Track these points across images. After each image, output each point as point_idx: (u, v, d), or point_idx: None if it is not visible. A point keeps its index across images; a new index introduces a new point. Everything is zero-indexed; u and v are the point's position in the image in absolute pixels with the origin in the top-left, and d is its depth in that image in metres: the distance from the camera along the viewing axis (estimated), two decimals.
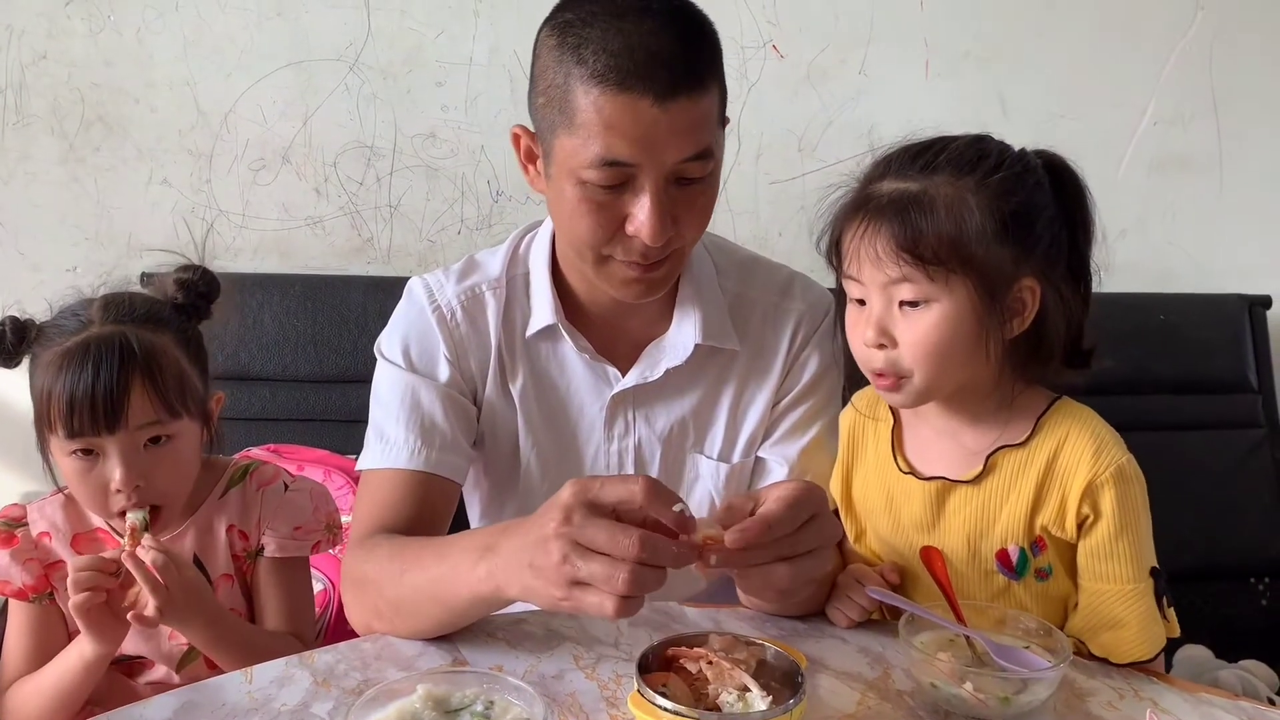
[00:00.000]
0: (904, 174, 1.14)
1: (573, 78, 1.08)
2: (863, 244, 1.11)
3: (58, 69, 2.02)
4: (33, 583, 1.29)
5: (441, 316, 1.28)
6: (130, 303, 1.27)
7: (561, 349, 1.30)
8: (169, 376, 1.24)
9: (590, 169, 1.09)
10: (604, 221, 1.13)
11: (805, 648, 1.11)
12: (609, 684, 1.05)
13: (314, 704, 1.00)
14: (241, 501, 1.35)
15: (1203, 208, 2.29)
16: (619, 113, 1.06)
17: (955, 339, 1.11)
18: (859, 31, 2.15)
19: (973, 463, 1.18)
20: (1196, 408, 2.18)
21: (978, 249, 1.08)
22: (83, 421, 1.19)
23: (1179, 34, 2.21)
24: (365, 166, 2.11)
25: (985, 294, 1.10)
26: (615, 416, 1.31)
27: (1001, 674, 1.01)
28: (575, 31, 1.08)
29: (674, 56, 1.07)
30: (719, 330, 1.30)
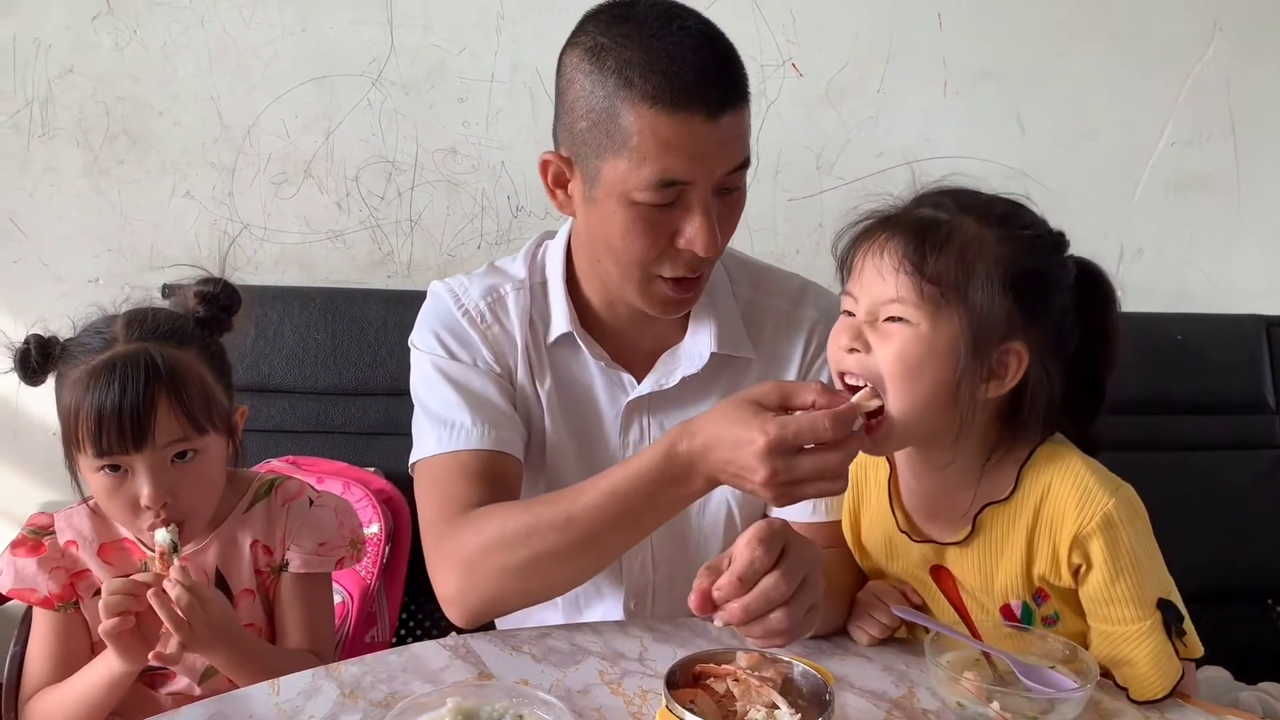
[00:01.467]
0: (936, 205, 1.12)
1: (620, 100, 1.09)
2: (870, 257, 1.09)
3: (84, 82, 2.04)
4: (59, 591, 1.29)
5: (471, 318, 1.31)
6: (154, 319, 1.28)
7: (581, 355, 1.32)
8: (194, 393, 1.24)
9: (645, 190, 1.11)
10: (657, 239, 1.15)
11: (830, 666, 1.11)
12: (634, 699, 1.05)
13: (341, 716, 1.00)
14: (266, 517, 1.36)
15: (1220, 228, 2.29)
16: (675, 132, 1.08)
17: (927, 365, 1.07)
18: (878, 50, 2.16)
19: (961, 524, 1.16)
20: (1213, 428, 2.18)
21: (977, 290, 1.06)
22: (110, 440, 1.19)
23: (1197, 55, 2.22)
24: (386, 181, 2.13)
25: (970, 339, 1.07)
26: (630, 423, 1.33)
27: (1028, 694, 1.01)
28: (614, 54, 1.10)
29: (718, 71, 1.10)
30: (734, 339, 1.32)
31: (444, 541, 1.19)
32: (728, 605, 0.97)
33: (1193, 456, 2.15)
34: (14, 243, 2.07)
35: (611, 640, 1.17)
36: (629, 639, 1.17)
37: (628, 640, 1.17)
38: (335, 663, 1.10)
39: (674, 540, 1.35)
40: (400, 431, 1.88)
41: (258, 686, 1.05)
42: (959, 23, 2.17)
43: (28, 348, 1.26)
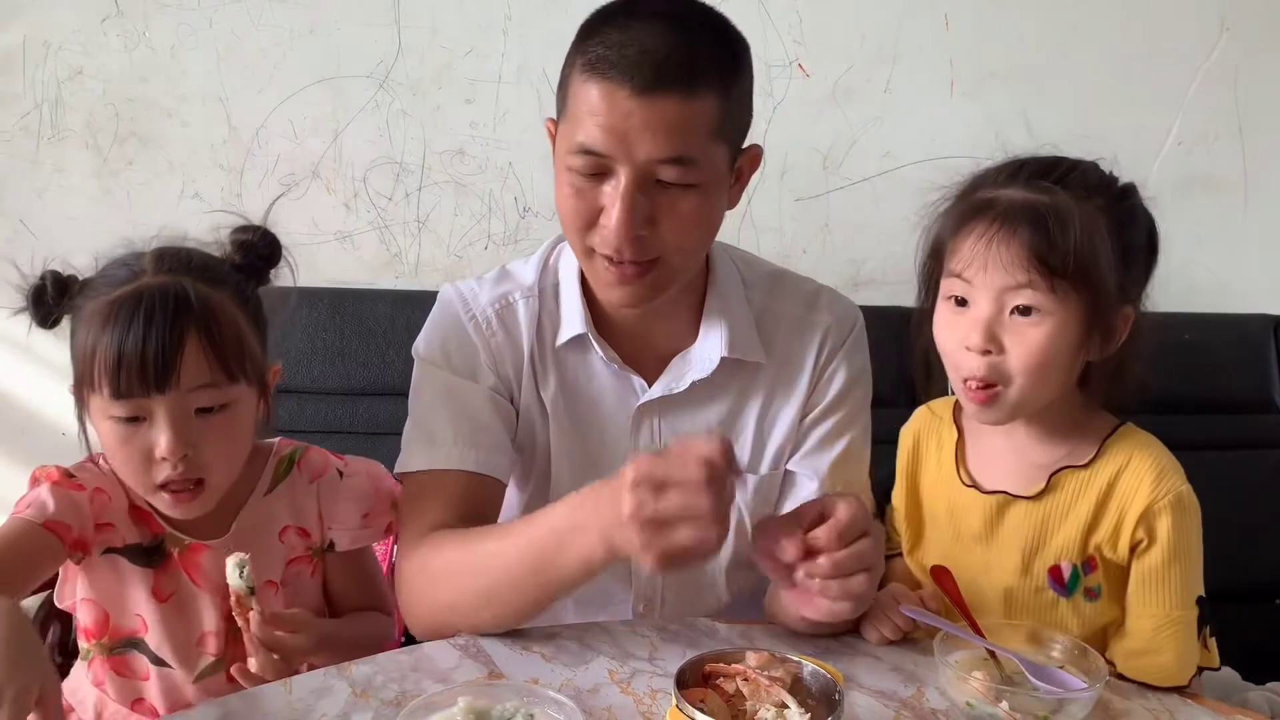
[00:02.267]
0: (1033, 185, 1.15)
1: (573, 68, 1.13)
2: (989, 249, 1.12)
3: (93, 84, 2.05)
4: (84, 537, 1.16)
5: (477, 325, 1.30)
6: (187, 255, 1.18)
7: (590, 358, 1.31)
8: (227, 334, 1.13)
9: (573, 154, 1.13)
10: (582, 209, 1.15)
11: (839, 665, 1.12)
12: (644, 699, 1.05)
13: (353, 714, 1.01)
14: (292, 497, 1.28)
15: (1227, 228, 2.29)
16: (598, 100, 1.09)
17: (1060, 354, 1.13)
18: (884, 51, 2.16)
19: (1035, 479, 1.20)
20: (1220, 428, 2.17)
21: (1101, 269, 1.10)
22: (131, 379, 1.07)
23: (1204, 55, 2.21)
24: (394, 182, 2.13)
25: (1094, 314, 1.12)
26: (641, 426, 1.32)
27: (1037, 693, 1.01)
28: (591, 26, 1.13)
29: (666, 55, 1.08)
30: (745, 343, 1.31)
31: (402, 558, 1.23)
32: (818, 559, 0.98)
33: (1200, 456, 2.10)
34: (24, 244, 2.08)
35: (621, 640, 1.17)
36: (638, 639, 1.18)
37: (637, 640, 1.17)
38: (346, 662, 1.10)
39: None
40: None
41: (270, 686, 1.06)
42: (965, 23, 2.16)
43: (43, 284, 1.17)
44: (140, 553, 1.22)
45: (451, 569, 1.16)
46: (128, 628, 1.23)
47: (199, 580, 1.23)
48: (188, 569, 1.23)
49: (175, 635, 1.23)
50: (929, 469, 1.30)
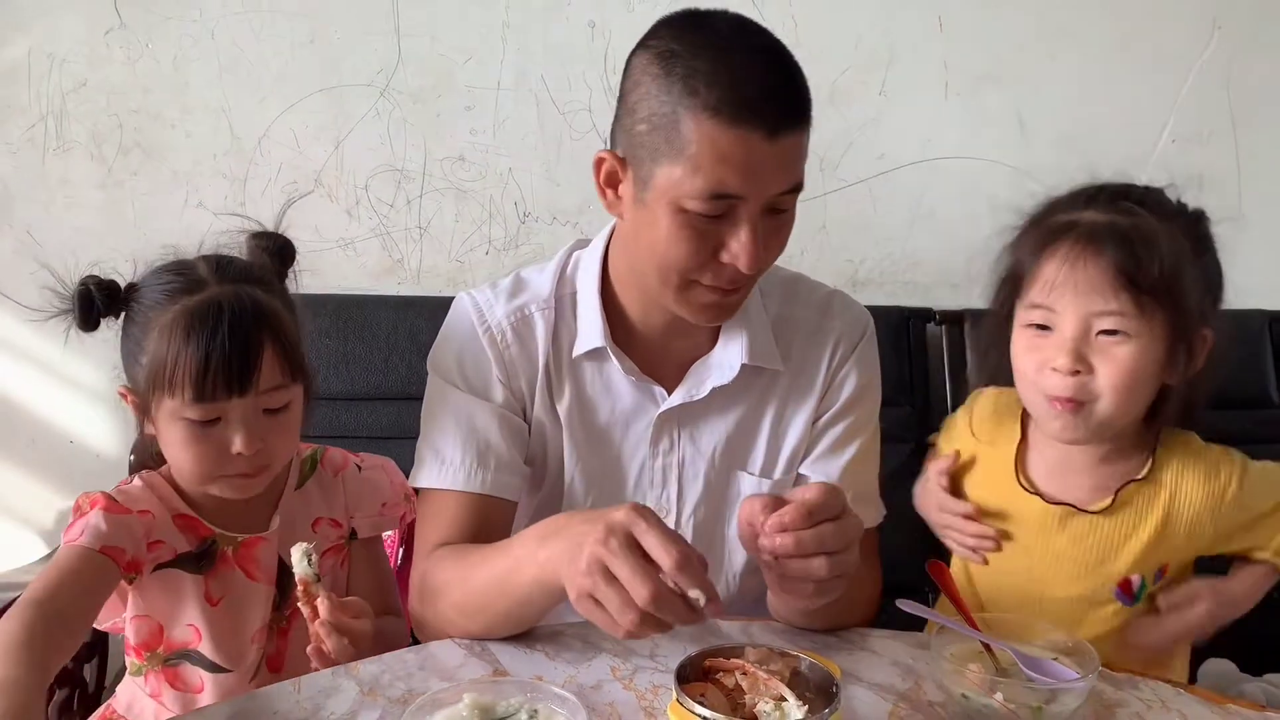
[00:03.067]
0: (1114, 206, 1.17)
1: (683, 108, 1.10)
2: (1074, 270, 1.14)
3: (97, 96, 2.07)
4: (137, 558, 1.21)
5: (492, 338, 1.31)
6: (239, 264, 1.25)
7: (607, 369, 1.32)
8: (290, 339, 1.22)
9: (696, 199, 1.12)
10: (701, 249, 1.15)
11: (838, 660, 1.14)
12: (646, 694, 1.07)
13: (361, 712, 1.03)
14: (321, 490, 1.35)
15: (1222, 225, 2.29)
16: (732, 146, 1.09)
17: (1147, 373, 1.16)
18: (879, 54, 2.19)
19: (1101, 494, 1.23)
20: (1218, 424, 2.17)
21: (1184, 289, 1.13)
22: (216, 385, 1.14)
23: (1197, 53, 2.23)
24: (396, 189, 2.15)
25: (1177, 334, 1.15)
26: (661, 434, 1.33)
27: (1031, 684, 1.03)
28: (684, 62, 1.10)
29: (782, 92, 1.10)
30: (764, 351, 1.32)
31: (416, 571, 1.27)
32: (782, 535, 0.99)
33: None
34: (30, 254, 2.10)
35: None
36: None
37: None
38: (354, 661, 1.12)
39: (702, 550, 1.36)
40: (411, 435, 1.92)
41: (279, 686, 1.08)
42: (959, 26, 2.19)
43: (88, 289, 1.20)
44: (191, 560, 1.27)
45: (445, 581, 1.20)
46: (180, 639, 1.28)
47: (255, 574, 1.29)
48: (243, 564, 1.28)
49: (228, 638, 1.28)
50: (985, 468, 1.31)
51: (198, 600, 1.26)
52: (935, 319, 2.18)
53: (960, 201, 2.25)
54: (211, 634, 1.27)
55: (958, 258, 2.27)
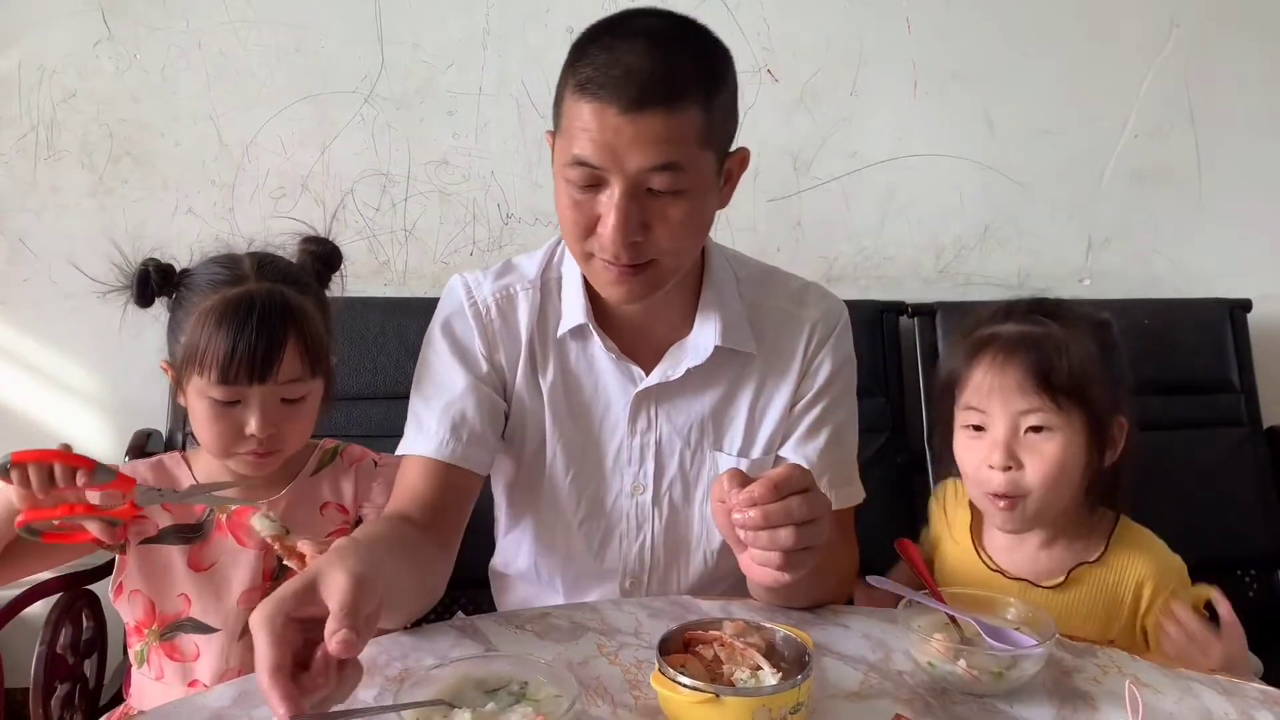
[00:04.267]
0: (1027, 319, 1.34)
1: (566, 87, 1.20)
2: (998, 376, 1.32)
3: (87, 106, 2.11)
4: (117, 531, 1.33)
5: (477, 312, 1.39)
6: (281, 264, 1.39)
7: (590, 348, 1.39)
8: (313, 336, 1.33)
9: (569, 167, 1.20)
10: (581, 218, 1.23)
11: (811, 633, 1.18)
12: (631, 669, 1.13)
13: (359, 690, 1.07)
14: (335, 480, 1.45)
15: (1183, 216, 2.38)
16: (589, 118, 1.17)
17: (1072, 463, 1.32)
18: (849, 55, 2.25)
19: (1055, 572, 1.38)
20: (1182, 408, 2.26)
21: (1095, 385, 1.29)
22: (239, 371, 1.27)
23: (1156, 51, 2.31)
24: (381, 193, 2.21)
25: (1094, 425, 1.31)
26: (639, 412, 1.39)
27: (992, 652, 1.10)
28: (581, 48, 1.20)
29: (647, 72, 1.15)
30: (737, 334, 1.38)
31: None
32: (751, 509, 1.02)
33: (1163, 436, 2.23)
34: (24, 261, 2.15)
35: (609, 617, 1.25)
36: (625, 616, 1.26)
37: (624, 617, 1.25)
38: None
39: (676, 529, 1.43)
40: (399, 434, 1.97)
41: None
42: (927, 27, 2.26)
43: (146, 270, 1.35)
44: (181, 532, 1.39)
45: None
46: (173, 611, 1.38)
47: (244, 540, 1.39)
48: (234, 530, 1.39)
49: (216, 601, 1.38)
50: (948, 541, 1.46)
51: (184, 569, 1.38)
52: (908, 312, 2.25)
53: (931, 198, 2.32)
54: (199, 598, 1.38)
55: (929, 252, 2.35)
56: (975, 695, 1.09)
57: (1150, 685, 1.12)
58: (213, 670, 1.39)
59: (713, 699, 0.95)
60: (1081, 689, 1.11)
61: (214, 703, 1.05)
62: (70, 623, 1.59)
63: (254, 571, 1.39)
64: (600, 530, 1.43)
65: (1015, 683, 1.08)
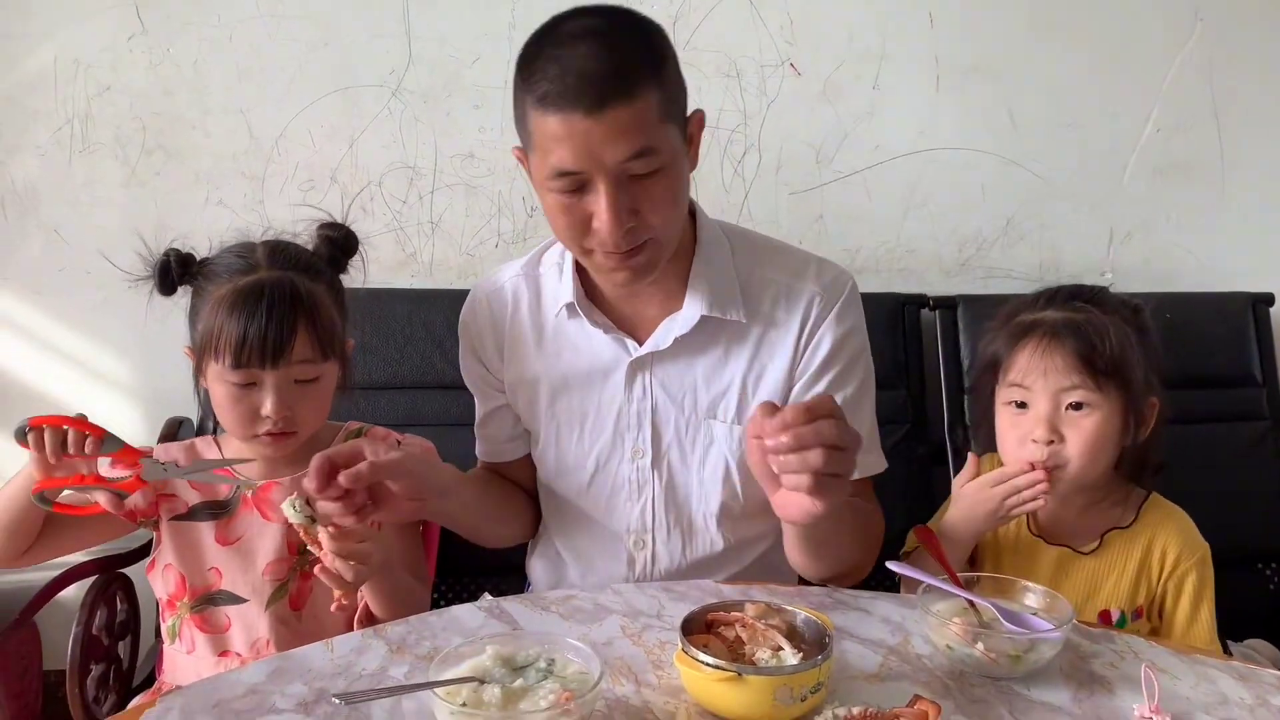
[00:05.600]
0: (1069, 305, 1.44)
1: (526, 106, 1.25)
2: (1043, 358, 1.41)
3: (121, 99, 2.15)
4: (144, 508, 1.44)
5: (475, 308, 1.54)
6: (293, 252, 1.43)
7: (585, 326, 1.46)
8: (325, 322, 1.39)
9: (550, 179, 1.25)
10: (575, 221, 1.28)
11: (832, 617, 1.21)
12: (654, 649, 1.15)
13: (390, 668, 1.11)
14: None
15: (1205, 210, 2.38)
16: (558, 130, 1.21)
17: (1109, 438, 1.42)
18: (871, 49, 2.26)
19: (1090, 539, 1.49)
20: (1204, 402, 2.26)
21: (1131, 367, 1.40)
22: (251, 355, 1.33)
23: (1179, 45, 2.31)
24: (408, 186, 2.24)
25: (1130, 404, 1.41)
26: (633, 381, 1.47)
27: (1010, 635, 1.12)
28: (528, 65, 1.26)
29: (598, 72, 1.20)
30: (724, 303, 1.43)
31: None
32: (783, 432, 1.05)
33: (1185, 429, 2.22)
34: (58, 251, 2.19)
35: (632, 600, 1.28)
36: (647, 599, 1.28)
37: (646, 599, 1.28)
38: (382, 624, 1.21)
39: (675, 491, 1.49)
40: (426, 423, 2.00)
41: (313, 646, 1.16)
42: (949, 21, 2.26)
43: (168, 260, 1.40)
44: (211, 508, 1.47)
45: None
46: (204, 584, 1.45)
47: (269, 514, 1.45)
48: (259, 505, 1.45)
49: (243, 571, 1.44)
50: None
51: (213, 544, 1.45)
52: (929, 305, 2.26)
53: (952, 191, 2.33)
54: (229, 570, 1.45)
55: (950, 245, 2.36)
56: (993, 678, 1.10)
57: (1167, 670, 1.14)
58: (245, 639, 1.44)
59: (735, 677, 0.97)
60: (1098, 673, 1.13)
61: (249, 678, 1.09)
62: (105, 605, 1.64)
63: (278, 544, 1.45)
64: (607, 491, 1.50)
65: (1033, 666, 1.10)
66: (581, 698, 0.94)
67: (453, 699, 0.94)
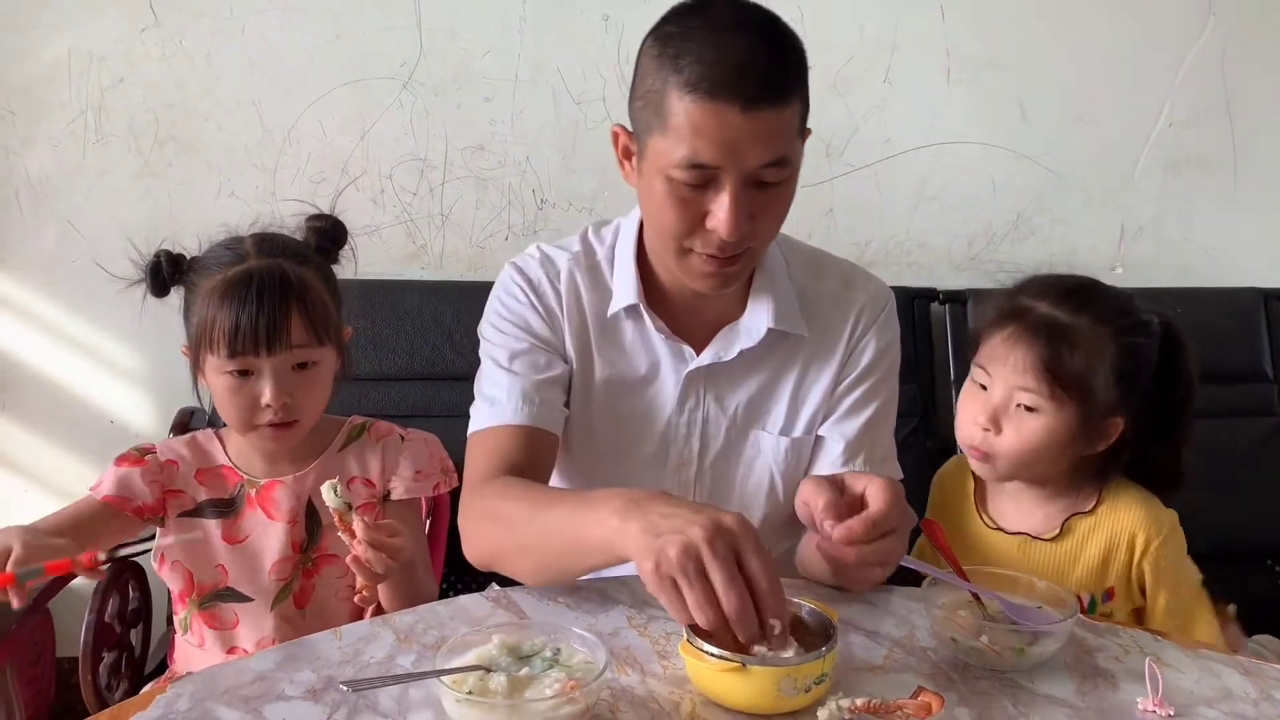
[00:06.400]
0: (1061, 303, 1.38)
1: (669, 85, 1.19)
2: (1009, 350, 1.38)
3: (134, 91, 2.16)
4: (151, 504, 1.43)
5: (532, 284, 1.42)
6: (280, 240, 1.44)
7: (642, 327, 1.41)
8: (317, 306, 1.38)
9: (678, 169, 1.20)
10: (687, 215, 1.24)
11: (837, 609, 1.20)
12: (660, 640, 1.16)
13: (398, 656, 1.11)
14: (362, 454, 1.50)
15: (1218, 205, 2.37)
16: (707, 119, 1.17)
17: (1047, 446, 1.39)
18: (882, 42, 2.26)
19: (1050, 525, 1.46)
20: (1215, 397, 2.22)
21: (1098, 385, 1.35)
22: (246, 343, 1.32)
23: (1192, 39, 2.30)
24: (419, 178, 2.24)
25: (1085, 419, 1.37)
26: (689, 393, 1.42)
27: (1015, 628, 1.12)
28: (675, 43, 1.19)
29: (761, 69, 1.16)
30: (790, 317, 1.41)
31: (467, 498, 1.34)
32: (844, 548, 1.09)
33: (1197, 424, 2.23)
34: (71, 243, 2.20)
35: (639, 592, 1.27)
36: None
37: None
38: (390, 614, 1.22)
39: (719, 500, 1.45)
40: (437, 414, 2.02)
41: (321, 635, 1.16)
42: (961, 14, 2.26)
43: (158, 261, 1.40)
44: (217, 506, 1.46)
45: (511, 513, 1.26)
46: (211, 581, 1.45)
47: (273, 514, 1.45)
48: (263, 504, 1.45)
49: (250, 571, 1.45)
50: (957, 510, 1.51)
51: (220, 542, 1.45)
52: (939, 299, 2.26)
53: (963, 185, 2.32)
54: (235, 569, 1.45)
55: (961, 240, 2.35)
56: (997, 671, 1.10)
57: (1171, 665, 1.14)
58: (252, 637, 1.45)
59: (739, 668, 0.98)
60: (1102, 667, 1.13)
61: (258, 665, 1.09)
62: (117, 593, 1.65)
63: (283, 543, 1.45)
64: None
65: (1037, 659, 1.10)
66: (586, 686, 0.94)
67: (459, 687, 0.95)
